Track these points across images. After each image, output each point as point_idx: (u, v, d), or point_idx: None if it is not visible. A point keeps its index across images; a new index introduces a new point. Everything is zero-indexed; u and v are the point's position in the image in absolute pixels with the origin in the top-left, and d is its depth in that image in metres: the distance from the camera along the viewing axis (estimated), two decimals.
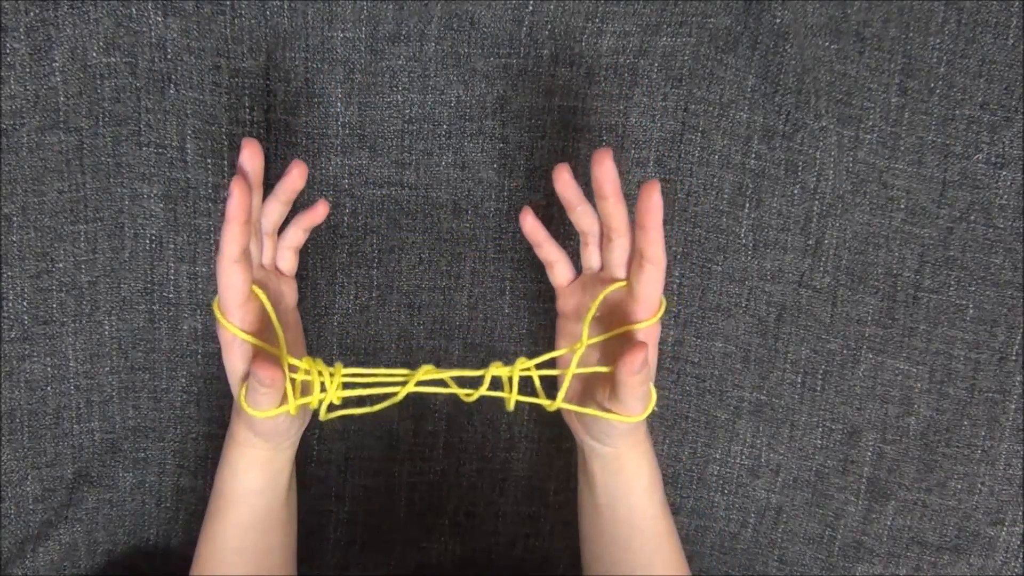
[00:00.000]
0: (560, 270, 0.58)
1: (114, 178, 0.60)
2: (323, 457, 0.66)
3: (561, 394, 0.53)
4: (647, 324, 0.53)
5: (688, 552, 0.70)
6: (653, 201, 0.49)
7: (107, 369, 0.63)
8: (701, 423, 0.67)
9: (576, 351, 0.54)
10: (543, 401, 0.54)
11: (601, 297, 0.54)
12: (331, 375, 0.51)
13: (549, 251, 0.57)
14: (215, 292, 0.63)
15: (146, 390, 0.64)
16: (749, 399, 0.66)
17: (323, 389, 0.51)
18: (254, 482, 0.54)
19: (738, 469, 0.68)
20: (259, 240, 0.54)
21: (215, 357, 0.64)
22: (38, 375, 0.62)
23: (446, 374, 0.53)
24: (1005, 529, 0.67)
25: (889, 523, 0.67)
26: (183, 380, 0.64)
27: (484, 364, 0.56)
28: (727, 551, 0.70)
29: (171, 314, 0.63)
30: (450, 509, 0.69)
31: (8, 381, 0.61)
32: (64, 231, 0.60)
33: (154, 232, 0.62)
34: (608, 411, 0.52)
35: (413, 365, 0.65)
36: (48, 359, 0.62)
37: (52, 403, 0.62)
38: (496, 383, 0.54)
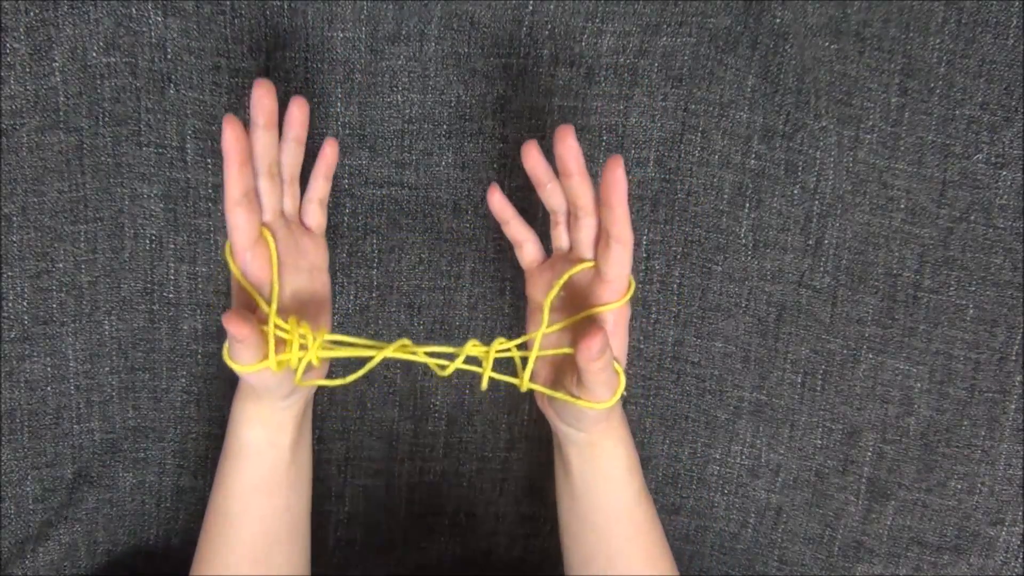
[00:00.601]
0: (528, 250, 0.57)
1: (114, 178, 0.60)
2: (323, 457, 0.66)
3: (526, 375, 0.52)
4: (614, 306, 0.52)
5: (688, 552, 0.70)
6: (616, 177, 0.48)
7: (107, 369, 0.63)
8: (701, 423, 0.67)
9: (538, 334, 0.53)
10: (513, 380, 0.53)
11: (565, 278, 0.53)
12: (313, 338, 0.51)
13: (517, 230, 0.56)
14: (215, 292, 0.63)
15: (146, 390, 0.64)
16: (749, 399, 0.66)
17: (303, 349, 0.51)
18: (256, 436, 0.54)
19: (738, 469, 0.68)
20: (277, 186, 0.53)
21: (215, 357, 0.64)
22: (38, 375, 0.62)
23: (424, 349, 0.52)
24: (1005, 529, 0.67)
25: (889, 523, 0.67)
26: (183, 380, 0.64)
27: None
28: (727, 551, 0.70)
29: (171, 314, 0.63)
30: (450, 509, 0.69)
31: (8, 381, 0.61)
32: (64, 231, 0.60)
33: (154, 232, 0.62)
34: (577, 397, 0.52)
35: (413, 365, 0.65)
36: (48, 359, 0.62)
37: (52, 403, 0.62)
38: (475, 364, 0.54)
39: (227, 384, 0.64)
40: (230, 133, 0.47)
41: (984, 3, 0.61)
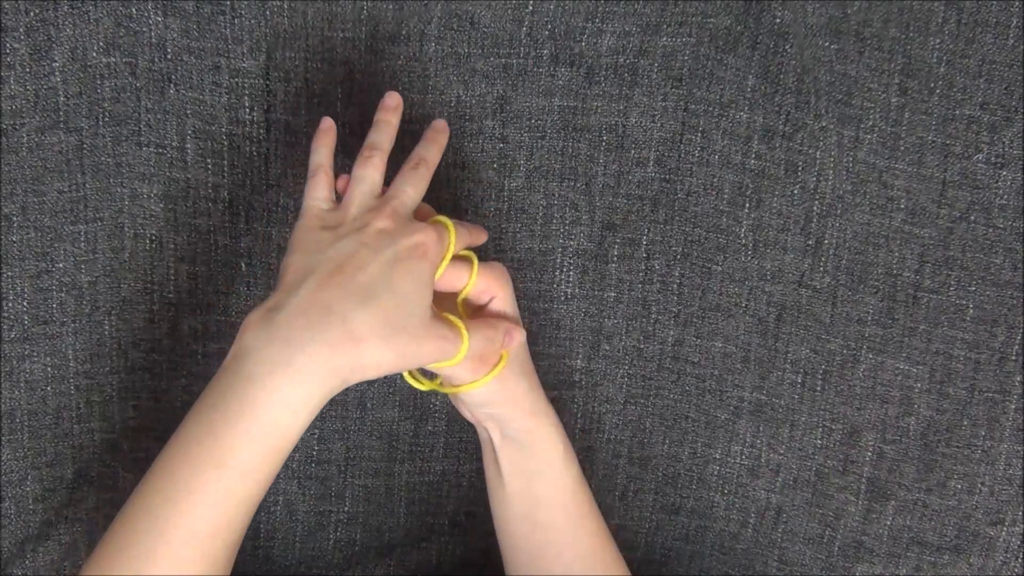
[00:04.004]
0: None
1: (114, 178, 0.60)
2: (323, 457, 0.66)
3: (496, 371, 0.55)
4: (469, 287, 0.54)
5: (688, 552, 0.70)
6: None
7: (107, 369, 0.63)
8: (701, 423, 0.67)
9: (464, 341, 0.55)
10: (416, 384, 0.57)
11: (442, 267, 0.54)
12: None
13: None
14: (215, 292, 0.63)
15: (146, 390, 0.64)
16: (749, 399, 0.66)
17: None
18: (298, 424, 0.48)
19: (738, 469, 0.68)
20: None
21: (215, 357, 0.64)
22: (38, 375, 0.62)
23: None
24: (1005, 529, 0.67)
25: (889, 523, 0.67)
26: (183, 380, 0.64)
27: None
28: (727, 551, 0.70)
29: (171, 314, 0.63)
30: (450, 509, 0.69)
31: (8, 381, 0.61)
32: (64, 231, 0.60)
33: (154, 232, 0.62)
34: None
35: None
36: (48, 359, 0.62)
37: (52, 403, 0.62)
38: None
39: None
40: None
41: (984, 3, 0.61)
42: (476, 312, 0.57)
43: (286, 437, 0.47)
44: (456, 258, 0.54)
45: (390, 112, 0.55)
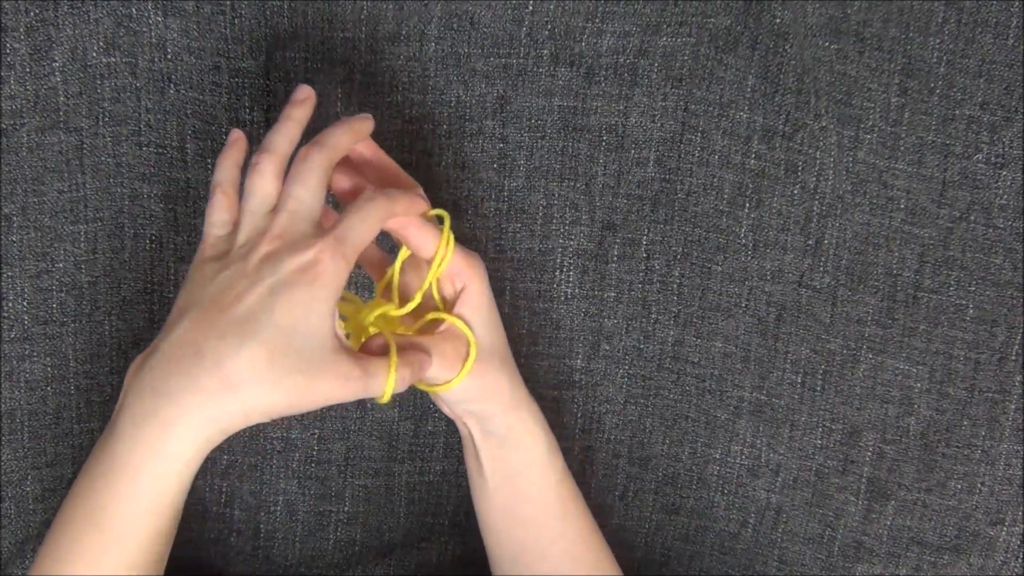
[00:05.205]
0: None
1: (114, 178, 0.60)
2: (323, 457, 0.66)
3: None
4: (436, 273, 0.52)
5: (688, 552, 0.70)
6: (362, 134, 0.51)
7: (107, 369, 0.63)
8: (701, 423, 0.67)
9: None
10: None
11: (399, 264, 0.53)
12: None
13: None
14: None
15: None
16: (749, 399, 0.67)
17: None
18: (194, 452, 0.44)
19: (738, 469, 0.68)
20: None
21: None
22: (38, 375, 0.62)
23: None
24: (1005, 529, 0.67)
25: (889, 523, 0.67)
26: None
27: None
28: (727, 551, 0.70)
29: None
30: (450, 509, 0.69)
31: (8, 381, 0.61)
32: (64, 231, 0.60)
33: (154, 232, 0.62)
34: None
35: None
36: (48, 359, 0.62)
37: (52, 403, 0.62)
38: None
39: None
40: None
41: (984, 3, 0.61)
42: (447, 306, 0.54)
43: (166, 495, 0.44)
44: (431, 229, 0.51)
45: (296, 107, 0.49)
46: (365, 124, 0.50)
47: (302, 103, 0.49)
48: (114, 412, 0.45)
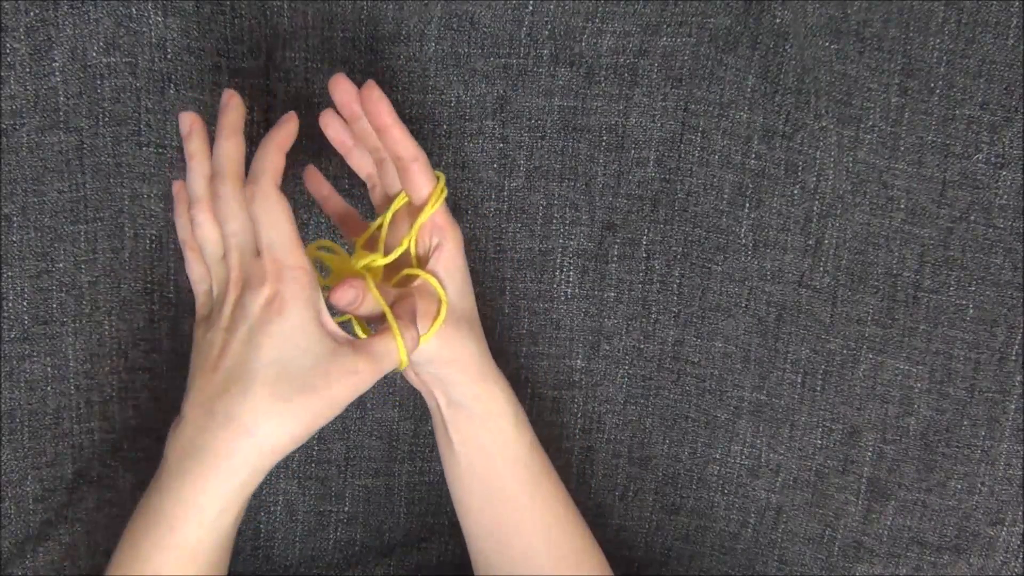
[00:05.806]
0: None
1: (114, 178, 0.60)
2: (323, 457, 0.66)
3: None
4: (429, 212, 0.52)
5: (688, 552, 0.70)
6: (374, 100, 0.50)
7: (107, 369, 0.63)
8: (701, 423, 0.67)
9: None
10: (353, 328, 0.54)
11: (389, 213, 0.54)
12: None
13: (338, 204, 0.59)
14: None
15: (146, 390, 0.64)
16: (749, 399, 0.67)
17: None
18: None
19: (738, 469, 0.68)
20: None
21: None
22: (38, 375, 0.62)
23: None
24: (1005, 529, 0.67)
25: (889, 523, 0.67)
26: (183, 380, 0.64)
27: None
28: (727, 551, 0.70)
29: (171, 314, 0.63)
30: (450, 509, 0.69)
31: (8, 381, 0.61)
32: (64, 231, 0.60)
33: (154, 232, 0.62)
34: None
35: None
36: (48, 359, 0.62)
37: (52, 403, 0.62)
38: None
39: None
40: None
41: (984, 3, 0.61)
42: (422, 264, 0.55)
43: (203, 542, 0.48)
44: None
45: (189, 141, 0.51)
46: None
47: (187, 136, 0.51)
48: (158, 469, 0.50)
